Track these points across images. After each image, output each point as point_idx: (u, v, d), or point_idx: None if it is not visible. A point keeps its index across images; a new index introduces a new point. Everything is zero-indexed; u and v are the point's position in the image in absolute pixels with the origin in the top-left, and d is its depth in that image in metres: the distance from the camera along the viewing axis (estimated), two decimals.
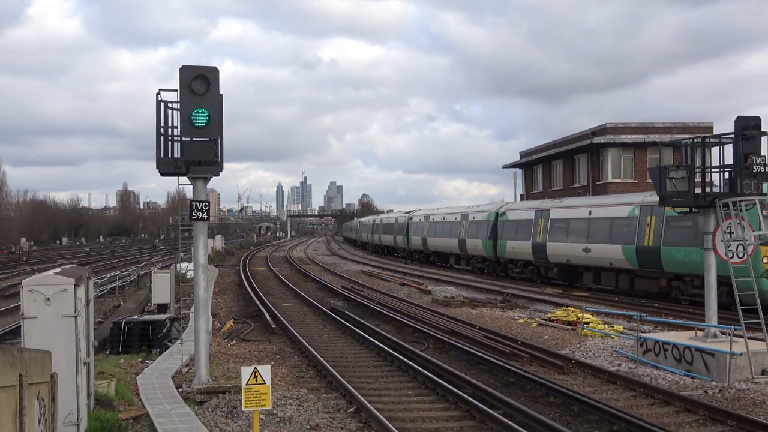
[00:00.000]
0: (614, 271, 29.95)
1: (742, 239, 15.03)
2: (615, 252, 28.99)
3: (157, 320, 19.62)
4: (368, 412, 11.75)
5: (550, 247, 34.45)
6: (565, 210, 34.36)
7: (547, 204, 37.34)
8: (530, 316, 24.94)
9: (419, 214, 60.87)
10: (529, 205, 40.18)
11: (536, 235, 35.86)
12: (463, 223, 46.36)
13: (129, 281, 38.07)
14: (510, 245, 39.00)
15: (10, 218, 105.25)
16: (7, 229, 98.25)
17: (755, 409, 12.19)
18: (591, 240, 30.80)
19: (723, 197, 15.49)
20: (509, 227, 39.44)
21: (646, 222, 27.36)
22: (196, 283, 14.45)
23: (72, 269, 11.45)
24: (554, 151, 53.80)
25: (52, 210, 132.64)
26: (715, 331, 15.72)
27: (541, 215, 35.91)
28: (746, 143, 15.33)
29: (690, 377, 14.60)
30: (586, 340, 19.35)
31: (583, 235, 31.62)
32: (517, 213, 39.60)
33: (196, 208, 13.89)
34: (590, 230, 31.07)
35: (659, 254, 26.33)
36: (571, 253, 32.64)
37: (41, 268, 41.22)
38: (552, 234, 34.42)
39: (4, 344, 17.65)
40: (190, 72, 13.46)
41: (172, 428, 10.62)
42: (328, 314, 25.59)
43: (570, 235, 32.85)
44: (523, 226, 37.57)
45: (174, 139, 13.69)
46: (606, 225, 29.84)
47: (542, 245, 35.11)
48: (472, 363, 16.73)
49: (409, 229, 61.08)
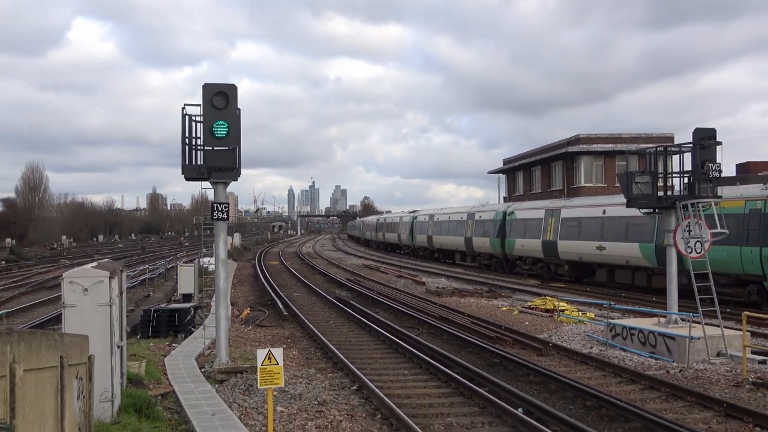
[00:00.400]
0: (630, 268, 28.01)
1: (700, 237, 15.05)
2: (632, 250, 26.93)
3: (183, 308, 19.62)
4: (369, 390, 11.76)
5: (561, 244, 32.25)
6: (577, 209, 31.98)
7: (557, 204, 34.94)
8: (512, 304, 24.94)
9: (423, 214, 59.32)
10: (537, 205, 37.61)
11: (546, 233, 33.61)
12: (470, 222, 44.43)
13: (157, 274, 38.05)
14: (519, 243, 36.88)
15: (52, 218, 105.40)
16: (50, 228, 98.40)
17: (711, 386, 12.20)
18: (605, 238, 28.41)
19: (683, 199, 15.51)
20: (518, 226, 37.27)
21: None
22: (217, 275, 14.44)
23: (107, 263, 11.44)
24: (533, 159, 53.81)
25: (89, 211, 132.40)
26: (676, 318, 15.74)
27: (551, 214, 33.63)
28: (703, 152, 15.36)
29: (654, 359, 14.61)
30: (562, 325, 19.37)
31: (597, 234, 29.14)
32: (526, 212, 37.25)
33: (216, 209, 13.89)
34: (604, 229, 28.63)
35: None
36: (584, 251, 30.25)
37: (80, 262, 41.20)
38: (563, 232, 32.12)
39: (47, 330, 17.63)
40: (212, 89, 13.46)
41: (195, 404, 10.62)
42: (334, 303, 25.59)
43: (583, 233, 30.40)
44: (533, 225, 35.35)
45: (197, 148, 13.68)
46: (622, 224, 27.33)
47: (553, 243, 32.92)
48: (461, 346, 16.73)
49: (413, 228, 59.54)
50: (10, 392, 4.25)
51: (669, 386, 11.96)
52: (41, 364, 5.19)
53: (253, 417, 10.48)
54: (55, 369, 5.72)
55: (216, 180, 13.77)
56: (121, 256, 62.75)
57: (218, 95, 13.40)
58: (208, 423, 9.53)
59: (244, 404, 11.23)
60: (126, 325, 11.98)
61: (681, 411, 10.72)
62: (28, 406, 4.64)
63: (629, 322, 16.64)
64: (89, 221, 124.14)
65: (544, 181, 53.26)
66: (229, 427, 9.34)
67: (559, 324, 19.58)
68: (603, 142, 47.13)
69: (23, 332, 4.86)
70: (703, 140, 15.38)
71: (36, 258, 64.56)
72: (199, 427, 9.33)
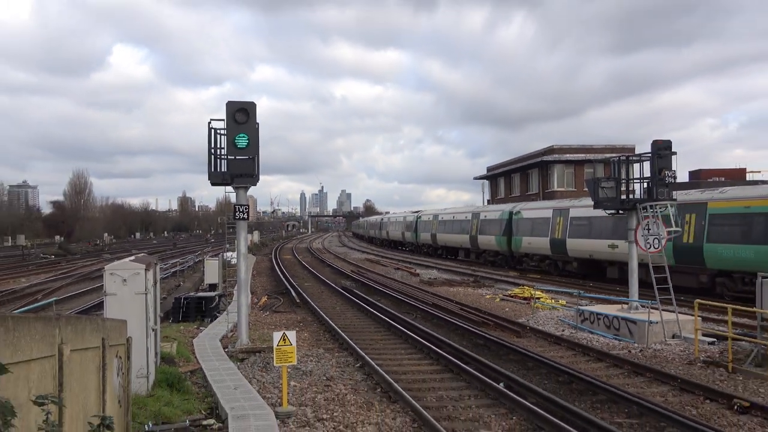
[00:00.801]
0: (644, 265, 25.93)
1: (657, 234, 15.05)
2: None
3: (209, 296, 19.61)
4: (370, 367, 11.75)
5: (570, 242, 29.73)
6: (587, 209, 27.45)
7: (565, 203, 32.15)
8: (495, 293, 24.91)
9: (427, 214, 57.10)
10: (544, 205, 35.05)
11: (555, 231, 31.18)
12: (475, 221, 41.99)
13: (187, 266, 38.05)
14: (526, 241, 34.43)
15: (95, 218, 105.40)
16: (93, 226, 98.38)
17: (667, 364, 12.19)
18: (618, 237, 24.64)
19: (642, 202, 15.52)
20: (525, 225, 34.72)
21: (684, 220, 21.93)
22: (239, 267, 14.45)
23: (143, 257, 11.44)
24: (513, 167, 53.83)
25: (128, 212, 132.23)
26: (636, 305, 15.74)
27: (560, 214, 31.06)
28: (660, 160, 15.36)
29: (617, 340, 14.60)
30: (538, 311, 19.35)
31: (608, 232, 26.31)
32: (533, 212, 34.52)
33: (238, 210, 13.89)
34: (617, 228, 24.83)
35: (702, 251, 21.35)
36: (595, 249, 27.67)
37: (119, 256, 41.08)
38: (572, 231, 29.59)
39: (91, 315, 17.63)
40: (234, 106, 13.47)
41: (219, 379, 10.61)
42: (340, 292, 25.55)
43: (593, 232, 27.77)
44: (540, 224, 32.83)
45: (221, 157, 13.68)
46: None
47: (562, 241, 30.40)
48: (451, 329, 16.72)
49: (417, 226, 57.57)
50: (59, 369, 4.26)
51: (630, 364, 11.96)
52: (86, 344, 5.19)
53: (270, 390, 10.47)
54: (97, 349, 5.72)
55: (238, 185, 13.78)
56: (155, 251, 62.70)
57: (240, 111, 13.41)
58: (231, 396, 9.52)
59: (262, 379, 11.23)
60: (159, 310, 11.98)
61: (641, 385, 10.72)
62: (74, 381, 4.65)
63: (596, 308, 16.64)
64: (127, 221, 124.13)
65: (522, 186, 53.28)
66: (249, 399, 9.33)
67: (536, 310, 19.56)
68: (573, 153, 47.20)
69: (70, 317, 4.86)
70: (660, 151, 15.38)
71: (81, 253, 64.47)
72: (223, 399, 9.32)
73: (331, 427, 8.58)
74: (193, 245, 79.01)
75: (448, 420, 8.93)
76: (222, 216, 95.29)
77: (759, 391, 10.17)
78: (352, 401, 9.86)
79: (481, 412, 9.31)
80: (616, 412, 9.29)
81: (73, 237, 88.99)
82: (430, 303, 20.92)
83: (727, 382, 10.76)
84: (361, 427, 8.60)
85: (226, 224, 20.40)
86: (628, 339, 14.46)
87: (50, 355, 4.11)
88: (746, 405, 9.12)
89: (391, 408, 9.52)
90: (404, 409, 9.35)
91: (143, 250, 59.79)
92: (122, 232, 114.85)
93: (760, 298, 11.29)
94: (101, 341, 5.81)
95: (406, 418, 8.97)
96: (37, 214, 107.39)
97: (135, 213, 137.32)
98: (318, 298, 23.66)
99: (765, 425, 8.59)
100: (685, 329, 14.28)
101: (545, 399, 9.50)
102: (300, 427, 8.62)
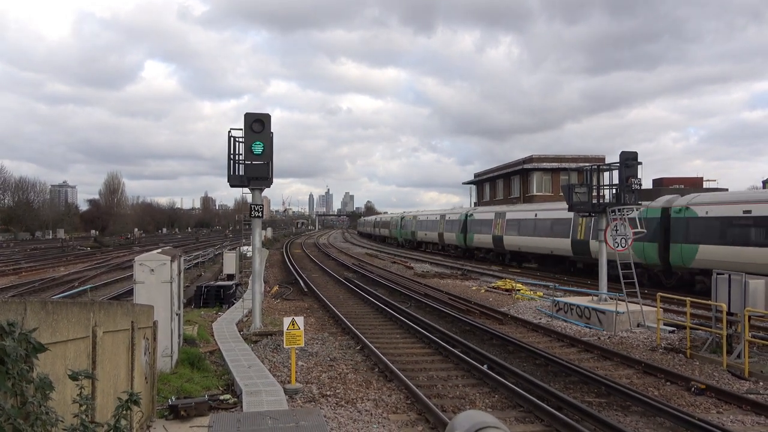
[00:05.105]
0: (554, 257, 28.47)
1: (624, 235, 15.04)
2: (555, 243, 27.79)
3: (227, 285, 19.58)
4: (369, 349, 11.72)
5: (506, 239, 33.30)
6: (517, 213, 32.96)
7: (503, 208, 35.89)
8: (480, 285, 24.89)
9: (410, 214, 60.27)
10: (489, 209, 38.80)
11: (496, 230, 34.79)
12: (442, 221, 45.58)
13: (207, 258, 37.97)
14: (476, 237, 38.05)
15: (127, 215, 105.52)
16: (125, 222, 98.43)
17: (633, 350, 12.18)
18: (537, 234, 29.59)
19: (611, 206, 15.50)
20: (475, 224, 38.42)
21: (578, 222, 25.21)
22: (254, 260, 14.42)
23: (169, 250, 11.40)
24: (497, 173, 53.74)
25: (156, 209, 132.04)
26: (605, 297, 15.72)
27: (500, 216, 34.70)
28: (627, 169, 15.36)
29: (588, 328, 14.59)
30: (518, 301, 19.33)
31: (530, 231, 30.25)
32: (481, 215, 38.44)
33: (253, 209, 13.86)
34: (536, 227, 29.68)
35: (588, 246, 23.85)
36: (523, 243, 31.34)
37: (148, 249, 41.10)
38: (508, 229, 33.15)
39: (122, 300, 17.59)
40: (251, 117, 13.44)
41: (235, 359, 10.58)
42: (343, 282, 25.51)
43: (521, 230, 31.47)
44: (486, 224, 36.58)
45: (239, 162, 13.65)
46: (548, 224, 28.48)
47: (500, 237, 34.04)
48: (440, 316, 16.69)
49: (401, 225, 60.69)
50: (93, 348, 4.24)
51: (600, 349, 11.93)
52: (117, 327, 5.17)
53: (280, 369, 10.44)
54: (127, 331, 5.69)
55: (253, 187, 13.75)
56: (179, 244, 62.56)
57: (256, 122, 13.38)
58: (245, 373, 9.49)
59: (273, 359, 11.20)
60: (183, 297, 11.95)
61: (609, 368, 10.70)
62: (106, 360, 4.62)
63: (570, 299, 16.62)
64: (155, 217, 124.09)
65: (505, 190, 53.23)
66: (261, 377, 9.30)
67: (516, 300, 19.55)
68: (551, 161, 47.12)
69: (103, 303, 4.84)
70: (628, 161, 15.37)
71: (114, 245, 64.31)
72: (238, 376, 9.29)
73: (334, 403, 8.55)
74: (213, 240, 78.81)
75: (437, 397, 8.91)
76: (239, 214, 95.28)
77: (713, 375, 10.16)
78: (353, 380, 9.83)
79: (467, 391, 9.28)
80: (587, 392, 9.27)
81: (107, 231, 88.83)
82: (422, 293, 20.88)
83: (686, 366, 10.75)
84: (361, 402, 8.58)
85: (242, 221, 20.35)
86: (597, 327, 14.45)
87: (85, 336, 4.09)
88: (702, 387, 9.11)
89: (388, 386, 9.49)
90: (399, 387, 9.33)
91: (169, 243, 59.78)
92: (151, 228, 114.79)
93: (715, 292, 11.28)
94: (131, 324, 5.78)
95: (400, 395, 8.94)
96: (75, 211, 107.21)
97: (162, 211, 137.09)
98: (324, 288, 23.60)
99: (719, 405, 8.58)
100: (649, 319, 14.27)
101: (524, 379, 9.48)
102: (306, 402, 8.59)
